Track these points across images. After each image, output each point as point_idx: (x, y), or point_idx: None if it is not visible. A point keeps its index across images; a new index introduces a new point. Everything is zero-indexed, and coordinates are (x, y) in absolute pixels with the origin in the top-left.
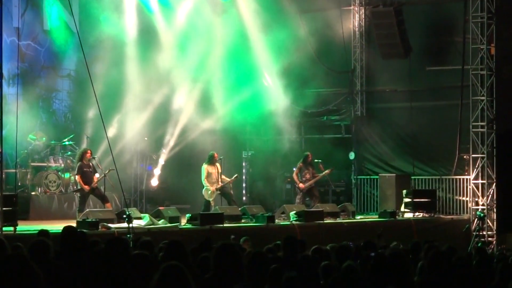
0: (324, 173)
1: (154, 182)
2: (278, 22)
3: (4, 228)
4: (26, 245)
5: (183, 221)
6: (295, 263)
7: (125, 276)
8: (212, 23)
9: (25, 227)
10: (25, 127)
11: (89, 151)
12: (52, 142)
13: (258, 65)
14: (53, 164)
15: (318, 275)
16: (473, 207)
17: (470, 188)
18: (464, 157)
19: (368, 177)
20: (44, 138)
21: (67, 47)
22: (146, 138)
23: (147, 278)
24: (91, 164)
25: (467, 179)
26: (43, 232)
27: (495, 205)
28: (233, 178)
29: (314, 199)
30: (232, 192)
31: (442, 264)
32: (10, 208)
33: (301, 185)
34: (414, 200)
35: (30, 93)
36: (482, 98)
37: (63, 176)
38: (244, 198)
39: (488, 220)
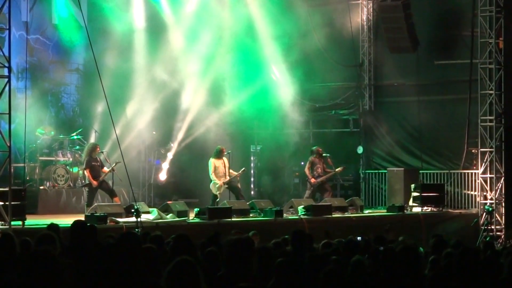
0: (336, 170)
1: (163, 176)
2: (286, 16)
3: (12, 222)
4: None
5: (191, 215)
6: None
7: (135, 270)
8: (220, 16)
9: (34, 221)
10: (34, 121)
11: (97, 147)
12: (61, 136)
13: (266, 59)
14: (61, 159)
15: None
16: (481, 201)
17: (478, 182)
18: (473, 151)
19: (376, 171)
20: (52, 132)
21: (75, 41)
22: (154, 132)
23: (157, 272)
24: (99, 158)
25: (475, 173)
26: (53, 226)
27: (503, 199)
28: (240, 171)
29: (327, 194)
30: (239, 186)
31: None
32: (19, 202)
33: (313, 180)
34: (423, 194)
35: (38, 87)
36: (491, 92)
37: (71, 170)
38: (252, 192)
39: (496, 214)
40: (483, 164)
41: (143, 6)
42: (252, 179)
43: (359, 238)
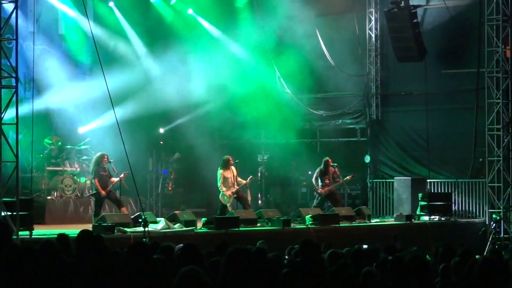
0: (346, 179)
1: (170, 186)
2: (293, 25)
3: (20, 233)
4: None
5: (199, 225)
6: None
7: (145, 280)
8: (228, 26)
9: (41, 231)
10: (41, 131)
11: (106, 156)
12: (68, 146)
13: (273, 68)
14: (68, 169)
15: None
16: (489, 210)
17: (486, 191)
18: (480, 160)
19: (384, 180)
20: (59, 143)
21: (82, 51)
22: (161, 142)
23: (166, 282)
24: (107, 168)
25: (483, 182)
26: (62, 236)
27: (511, 208)
28: (248, 180)
29: (336, 202)
30: (249, 194)
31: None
32: (26, 213)
33: (321, 190)
34: (430, 203)
35: (45, 98)
36: (498, 101)
37: (78, 180)
38: (259, 201)
39: (504, 223)
40: (491, 173)
41: (148, 12)
42: (259, 189)
43: (365, 246)
